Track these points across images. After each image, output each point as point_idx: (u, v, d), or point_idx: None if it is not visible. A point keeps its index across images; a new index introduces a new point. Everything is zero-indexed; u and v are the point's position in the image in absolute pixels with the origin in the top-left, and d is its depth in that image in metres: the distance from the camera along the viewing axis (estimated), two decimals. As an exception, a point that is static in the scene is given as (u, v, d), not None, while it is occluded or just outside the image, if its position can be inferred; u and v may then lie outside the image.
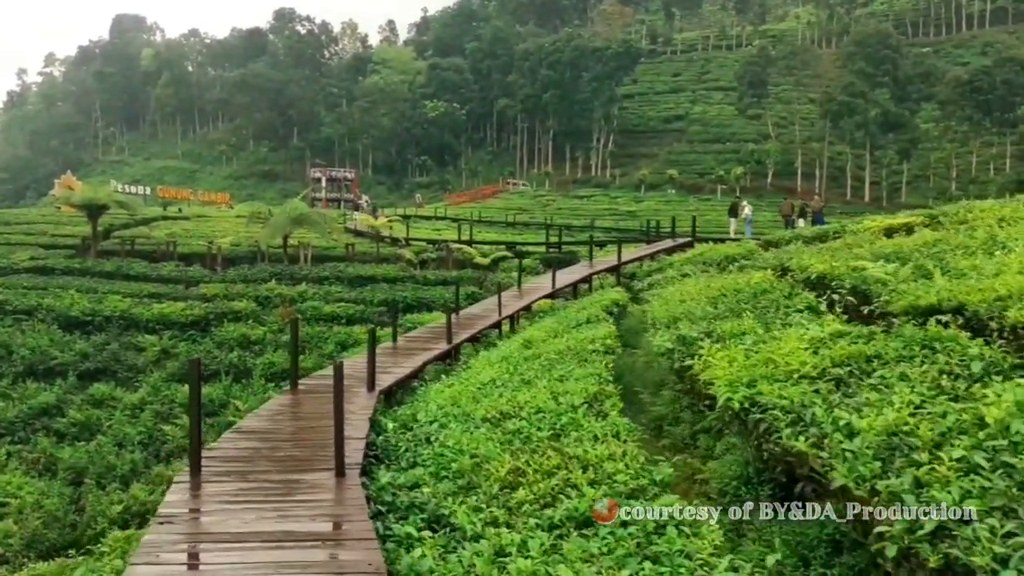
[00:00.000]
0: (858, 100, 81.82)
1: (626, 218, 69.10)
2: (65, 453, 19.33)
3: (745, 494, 5.87)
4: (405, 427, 8.27)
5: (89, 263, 31.54)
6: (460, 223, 52.80)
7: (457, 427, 7.30)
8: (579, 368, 9.03)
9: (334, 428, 6.37)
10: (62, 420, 20.71)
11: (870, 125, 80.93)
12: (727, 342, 7.59)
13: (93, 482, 17.93)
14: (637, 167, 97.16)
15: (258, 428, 8.20)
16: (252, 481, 6.33)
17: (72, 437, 20.29)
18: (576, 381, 8.16)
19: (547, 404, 7.31)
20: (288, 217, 31.93)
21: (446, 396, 9.46)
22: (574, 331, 13.16)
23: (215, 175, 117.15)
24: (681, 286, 13.84)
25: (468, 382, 10.08)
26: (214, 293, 27.09)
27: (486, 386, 9.46)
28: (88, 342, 23.63)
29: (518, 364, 10.36)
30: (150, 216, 45.78)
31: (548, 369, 9.62)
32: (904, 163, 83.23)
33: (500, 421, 7.29)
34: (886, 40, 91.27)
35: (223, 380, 22.04)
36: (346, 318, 25.05)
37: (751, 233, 28.96)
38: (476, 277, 29.11)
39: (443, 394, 9.78)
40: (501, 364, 10.95)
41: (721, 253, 19.36)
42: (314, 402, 9.62)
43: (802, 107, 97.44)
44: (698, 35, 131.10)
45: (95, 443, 19.74)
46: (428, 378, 12.77)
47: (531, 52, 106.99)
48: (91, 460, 18.94)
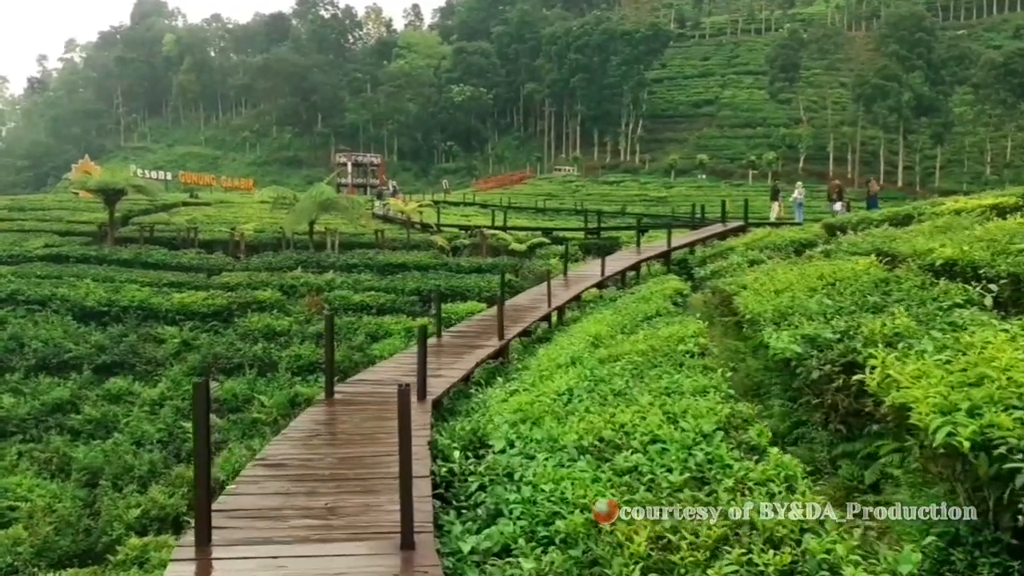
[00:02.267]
0: (891, 83, 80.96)
1: (656, 204, 68.29)
2: (80, 452, 18.05)
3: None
4: (473, 452, 6.63)
5: (106, 251, 30.16)
6: (489, 209, 51.44)
7: (547, 460, 5.62)
8: (683, 376, 7.32)
9: (400, 488, 4.63)
10: (77, 417, 19.37)
11: (903, 109, 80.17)
12: (896, 348, 5.82)
13: (109, 484, 16.70)
14: (666, 152, 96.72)
15: (288, 458, 6.50)
16: (282, 556, 4.55)
17: (87, 435, 19.00)
18: (693, 398, 6.45)
19: (665, 430, 5.61)
20: (315, 202, 30.42)
21: (512, 408, 7.80)
22: (645, 326, 11.45)
23: (238, 161, 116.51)
24: (764, 274, 12.03)
25: (537, 391, 8.38)
26: (237, 282, 25.66)
27: (563, 397, 7.78)
28: (104, 334, 22.27)
29: (595, 368, 8.66)
30: (170, 202, 44.49)
31: (638, 376, 7.91)
32: (938, 147, 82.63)
33: (603, 452, 5.60)
34: (920, 23, 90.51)
35: (247, 374, 20.66)
36: (376, 308, 23.57)
37: (801, 217, 27.13)
38: (512, 264, 27.48)
39: (507, 405, 8.10)
40: (572, 368, 9.26)
41: (785, 238, 17.63)
42: (355, 417, 7.99)
43: (833, 91, 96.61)
44: (727, 19, 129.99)
45: (111, 441, 18.46)
46: (479, 380, 11.15)
47: (559, 36, 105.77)
48: (107, 460, 17.66)
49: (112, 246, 30.96)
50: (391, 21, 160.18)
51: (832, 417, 7.38)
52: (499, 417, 7.43)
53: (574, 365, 9.42)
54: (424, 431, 7.10)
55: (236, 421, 18.82)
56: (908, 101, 80.00)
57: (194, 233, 33.08)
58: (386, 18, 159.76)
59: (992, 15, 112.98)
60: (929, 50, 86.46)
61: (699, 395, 6.55)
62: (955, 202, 16.20)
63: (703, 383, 6.90)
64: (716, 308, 13.02)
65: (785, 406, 7.97)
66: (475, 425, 7.46)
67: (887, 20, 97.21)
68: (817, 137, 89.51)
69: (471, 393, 10.15)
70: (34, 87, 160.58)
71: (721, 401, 6.20)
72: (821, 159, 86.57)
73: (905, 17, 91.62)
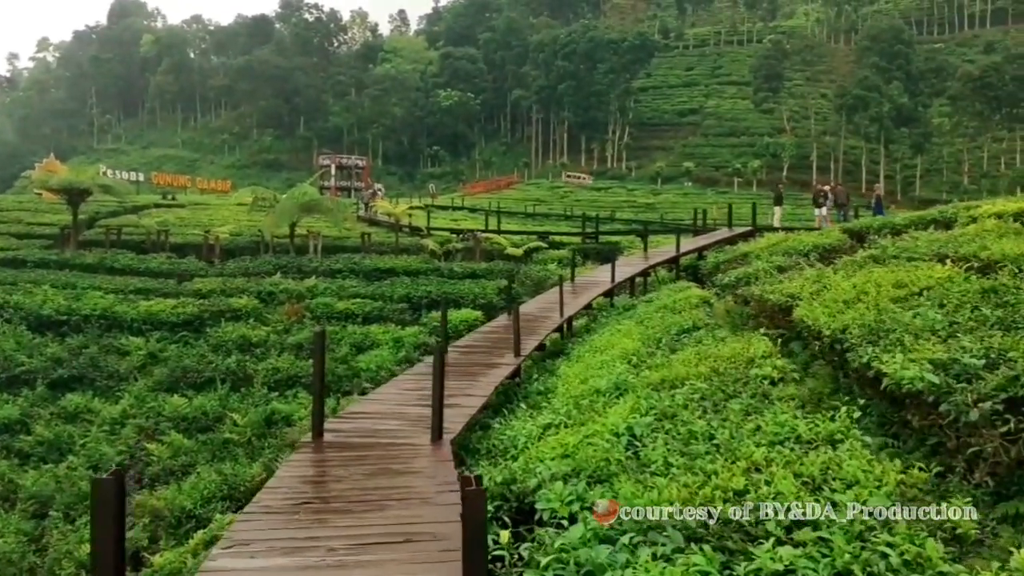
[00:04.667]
0: (872, 94, 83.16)
1: (645, 210, 67.79)
2: (28, 479, 16.05)
3: None
4: (510, 514, 4.84)
5: (68, 255, 27.83)
6: (479, 213, 49.85)
7: (634, 543, 3.84)
8: (783, 415, 5.54)
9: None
10: (27, 438, 17.32)
11: (884, 119, 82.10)
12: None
13: (60, 515, 14.76)
14: (653, 160, 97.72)
15: (266, 546, 4.55)
16: None
17: (38, 459, 16.96)
18: (823, 450, 4.66)
19: (812, 506, 3.83)
20: (296, 203, 28.47)
21: (555, 450, 5.99)
22: (686, 341, 9.73)
23: (217, 164, 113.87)
24: (811, 282, 10.28)
25: (585, 427, 6.55)
26: (210, 288, 23.64)
27: (622, 437, 5.95)
28: (62, 345, 20.19)
29: (652, 398, 6.86)
30: (141, 203, 42.14)
31: (715, 410, 6.13)
32: (918, 157, 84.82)
33: (726, 538, 3.81)
34: (899, 35, 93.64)
35: (219, 389, 18.70)
36: (362, 316, 21.74)
37: (827, 222, 25.74)
38: (508, 270, 25.70)
39: (547, 447, 6.26)
40: (620, 395, 7.46)
41: (806, 243, 16.02)
42: (353, 470, 6.17)
43: (815, 101, 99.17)
44: (709, 30, 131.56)
45: (65, 466, 16.45)
46: (494, 404, 9.33)
47: (546, 43, 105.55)
48: (59, 487, 15.68)
49: (75, 250, 28.66)
50: (377, 26, 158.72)
51: (980, 467, 5.68)
52: (542, 467, 5.60)
53: (620, 391, 7.61)
54: (445, 486, 5.27)
55: (205, 442, 16.84)
56: (888, 112, 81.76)
57: (165, 236, 30.90)
58: (372, 23, 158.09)
59: (964, 30, 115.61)
60: (908, 62, 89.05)
61: (824, 444, 4.80)
62: (991, 205, 15.00)
63: (824, 428, 5.12)
64: (750, 319, 11.28)
65: (923, 454, 6.13)
66: (508, 475, 5.63)
67: (867, 33, 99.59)
68: (800, 146, 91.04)
69: (488, 423, 8.29)
70: (2, 86, 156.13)
71: (857, 452, 4.42)
72: (804, 168, 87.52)
73: (884, 30, 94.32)
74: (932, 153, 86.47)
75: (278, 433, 16.36)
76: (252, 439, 16.26)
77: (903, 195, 77.56)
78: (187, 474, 15.06)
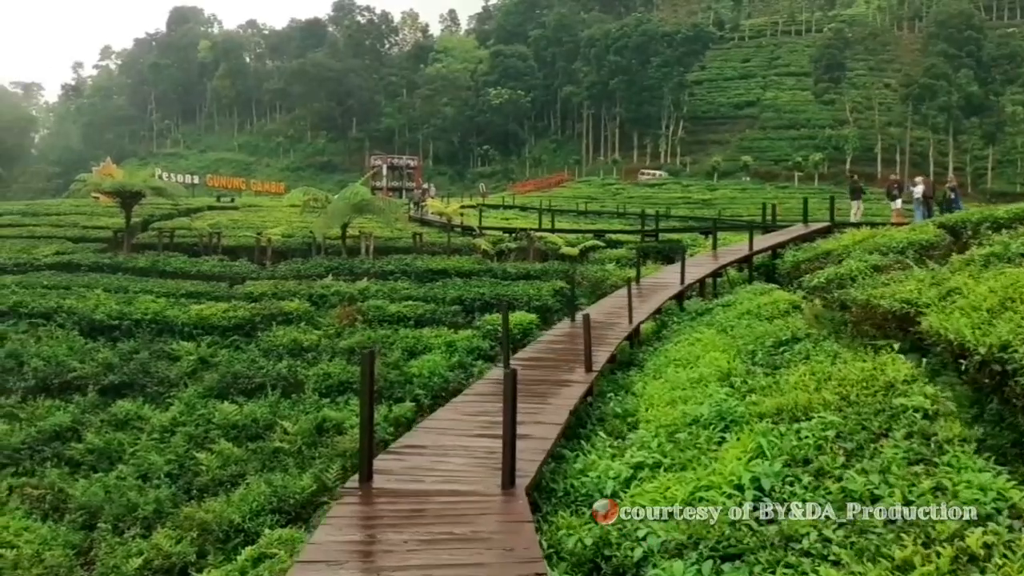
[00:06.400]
0: (940, 82, 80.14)
1: (701, 206, 65.98)
2: (78, 488, 15.61)
3: None
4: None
5: (120, 258, 27.82)
6: (530, 212, 49.00)
7: None
8: (989, 476, 4.37)
9: None
10: (77, 446, 16.93)
11: (952, 109, 79.26)
12: None
13: (108, 526, 14.24)
14: (708, 154, 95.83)
15: None
16: None
17: (88, 467, 16.54)
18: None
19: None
20: (348, 203, 27.96)
21: (654, 498, 4.97)
22: (788, 355, 8.62)
23: (272, 167, 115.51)
24: (928, 285, 8.95)
25: (691, 472, 5.49)
26: (262, 291, 23.21)
27: (749, 491, 4.94)
28: (113, 350, 19.88)
29: (773, 436, 5.71)
30: (195, 206, 42.32)
31: (860, 455, 5.00)
32: (989, 148, 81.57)
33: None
34: (968, 20, 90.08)
35: (269, 395, 18.18)
36: (414, 319, 20.94)
37: (921, 216, 24.00)
38: (563, 270, 24.76)
39: (647, 498, 5.22)
40: (725, 426, 6.47)
41: (898, 239, 14.54)
42: (409, 535, 5.00)
43: (879, 92, 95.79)
44: (766, 21, 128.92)
45: (114, 475, 16.02)
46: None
47: (597, 38, 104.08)
48: (108, 497, 15.19)
49: (127, 253, 28.65)
50: (427, 26, 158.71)
51: None
52: (644, 528, 4.59)
53: (725, 422, 6.59)
54: (523, 561, 4.35)
55: (255, 450, 16.32)
56: (957, 101, 78.97)
57: (217, 239, 30.71)
58: (422, 23, 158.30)
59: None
60: (978, 48, 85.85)
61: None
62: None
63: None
64: (848, 327, 10.09)
65: None
66: (599, 536, 4.64)
67: (935, 19, 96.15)
68: (864, 138, 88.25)
69: (559, 451, 7.33)
70: (68, 94, 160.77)
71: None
72: (868, 160, 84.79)
73: (953, 15, 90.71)
74: (1004, 143, 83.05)
75: (328, 442, 15.80)
76: (303, 448, 15.65)
77: (974, 188, 74.87)
78: (236, 484, 14.49)
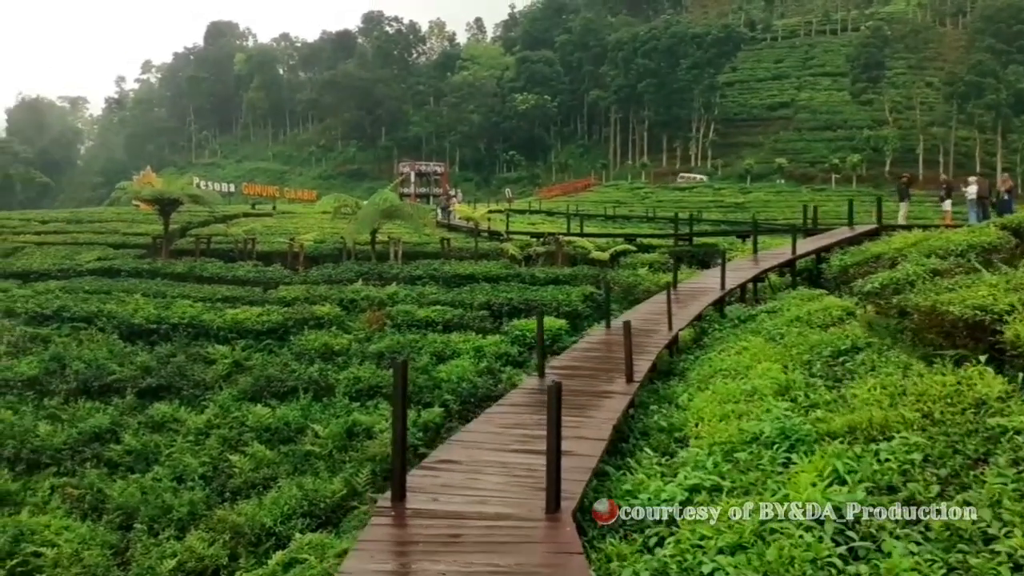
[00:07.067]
0: (988, 79, 77.29)
1: (734, 210, 64.85)
2: (115, 489, 16.02)
3: None
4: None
5: (159, 264, 28.53)
6: (557, 216, 49.01)
7: None
8: None
9: None
10: (116, 447, 17.38)
11: (1001, 107, 76.25)
12: None
13: (144, 527, 14.58)
14: (740, 156, 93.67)
15: None
16: None
17: (125, 468, 16.95)
18: None
19: None
20: (378, 209, 28.34)
21: (723, 537, 4.72)
22: (850, 365, 8.29)
23: (304, 176, 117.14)
24: (1004, 291, 8.09)
25: (761, 498, 5.03)
26: (294, 296, 23.65)
27: (830, 524, 4.54)
28: (151, 354, 20.40)
29: (851, 462, 5.27)
30: (231, 213, 43.10)
31: (957, 484, 4.67)
32: None
33: None
34: (1018, 14, 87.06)
35: (301, 398, 18.51)
36: (442, 324, 21.15)
37: (976, 218, 23.26)
38: (594, 275, 24.75)
39: (709, 527, 4.93)
40: (788, 446, 6.13)
41: (957, 242, 13.60)
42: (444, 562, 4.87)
43: (920, 91, 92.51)
44: (799, 20, 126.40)
45: (150, 476, 16.41)
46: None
47: (625, 41, 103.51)
48: (144, 498, 15.59)
49: (165, 259, 29.37)
50: (454, 35, 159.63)
51: None
52: (708, 562, 4.44)
53: (790, 441, 6.20)
54: None
55: (287, 453, 16.65)
56: (1006, 98, 76.02)
57: (251, 244, 31.30)
58: (449, 32, 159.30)
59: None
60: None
61: None
62: None
63: None
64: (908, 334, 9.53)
65: None
66: (655, 568, 4.57)
67: (981, 13, 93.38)
68: (904, 139, 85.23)
69: (603, 468, 6.98)
70: (111, 107, 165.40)
71: None
72: (909, 162, 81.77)
73: (1001, 9, 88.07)
74: (1057, 142, 79.68)
75: (359, 446, 16.03)
76: (333, 451, 15.87)
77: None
78: (268, 487, 14.54)
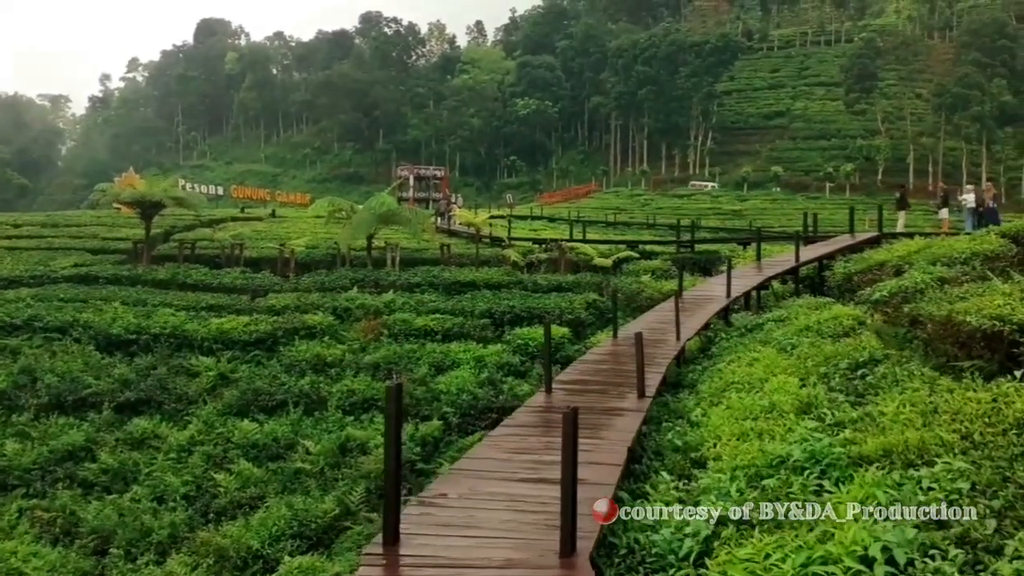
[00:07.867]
0: (973, 92, 79.24)
1: (732, 217, 65.03)
2: (90, 511, 14.82)
3: None
4: None
5: (140, 270, 27.17)
6: (559, 222, 48.21)
7: None
8: None
9: None
10: (91, 466, 16.15)
11: (986, 118, 78.28)
12: None
13: (121, 552, 13.45)
14: (737, 165, 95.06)
15: None
16: None
17: (101, 488, 15.74)
18: None
19: None
20: (374, 214, 27.20)
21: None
22: (870, 378, 7.58)
23: (298, 179, 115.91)
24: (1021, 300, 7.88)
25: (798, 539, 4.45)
26: (284, 304, 22.42)
27: (881, 568, 3.97)
28: (130, 366, 19.14)
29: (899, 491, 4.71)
30: (218, 217, 41.76)
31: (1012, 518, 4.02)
32: (1023, 158, 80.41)
33: None
34: (1002, 29, 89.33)
35: (291, 412, 17.38)
36: (442, 333, 20.09)
37: (971, 226, 22.90)
38: (596, 282, 23.83)
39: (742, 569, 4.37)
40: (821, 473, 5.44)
41: (959, 250, 13.35)
42: None
43: (910, 102, 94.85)
44: (795, 31, 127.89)
45: (128, 497, 15.21)
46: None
47: (625, 49, 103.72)
48: (121, 521, 14.41)
49: (147, 265, 28.01)
50: (454, 38, 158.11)
51: None
52: None
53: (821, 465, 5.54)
54: None
55: (276, 471, 15.50)
56: (990, 111, 78.02)
57: (239, 250, 29.99)
58: (449, 35, 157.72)
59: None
60: (1012, 57, 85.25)
61: None
62: None
63: None
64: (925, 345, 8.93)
65: None
66: None
67: (967, 28, 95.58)
68: (896, 149, 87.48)
69: (620, 496, 6.15)
70: (95, 106, 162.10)
71: None
72: (900, 171, 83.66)
73: (986, 24, 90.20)
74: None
75: (352, 463, 15.02)
76: (325, 469, 14.84)
77: (1008, 198, 73.42)
78: (255, 507, 13.57)
